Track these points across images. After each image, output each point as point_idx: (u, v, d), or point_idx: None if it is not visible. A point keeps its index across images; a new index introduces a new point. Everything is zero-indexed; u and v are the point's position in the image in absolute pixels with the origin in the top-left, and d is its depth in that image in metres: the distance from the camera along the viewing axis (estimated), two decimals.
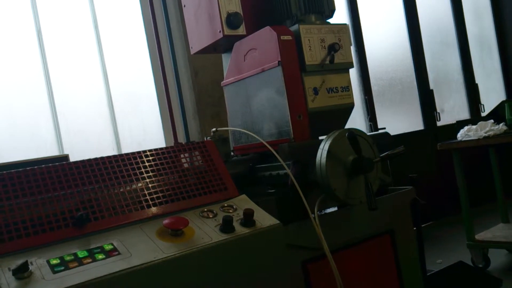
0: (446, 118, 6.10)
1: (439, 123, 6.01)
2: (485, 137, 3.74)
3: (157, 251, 1.38)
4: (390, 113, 5.76)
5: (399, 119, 5.88)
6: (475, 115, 6.41)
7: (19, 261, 1.24)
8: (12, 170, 1.49)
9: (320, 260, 1.74)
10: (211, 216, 1.58)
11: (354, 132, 1.72)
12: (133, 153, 1.68)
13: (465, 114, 6.51)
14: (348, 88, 2.12)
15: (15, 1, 3.43)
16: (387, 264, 2.05)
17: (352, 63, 2.14)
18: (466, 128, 3.96)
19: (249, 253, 1.54)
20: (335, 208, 1.99)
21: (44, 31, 3.50)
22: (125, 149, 3.73)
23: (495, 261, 4.01)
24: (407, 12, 6.02)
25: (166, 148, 1.75)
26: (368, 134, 1.88)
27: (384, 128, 2.35)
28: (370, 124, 5.39)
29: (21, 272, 1.23)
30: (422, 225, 2.47)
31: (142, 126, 3.90)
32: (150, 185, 1.62)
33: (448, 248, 4.58)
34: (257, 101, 2.11)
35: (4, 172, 1.47)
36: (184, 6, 2.42)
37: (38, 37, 3.47)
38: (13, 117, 3.33)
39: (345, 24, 2.14)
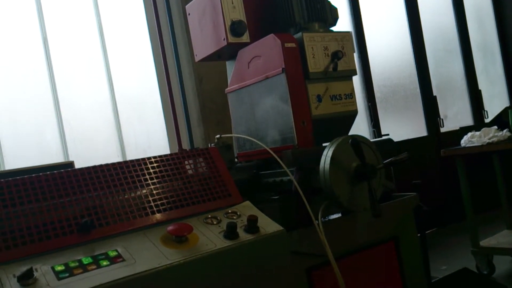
0: (449, 124, 6.09)
1: (442, 130, 6.00)
2: (488, 144, 3.73)
3: (161, 258, 1.39)
4: (393, 119, 5.76)
5: (403, 125, 5.87)
6: (479, 121, 6.40)
7: (24, 268, 1.24)
8: (18, 177, 1.49)
9: (324, 267, 1.74)
10: (215, 223, 1.59)
11: (357, 139, 1.73)
12: (137, 160, 1.69)
13: (468, 121, 6.50)
14: (351, 95, 2.12)
15: (21, 9, 3.46)
16: (391, 271, 2.05)
17: (355, 70, 2.15)
18: (469, 134, 3.95)
19: (253, 259, 1.54)
20: (339, 215, 1.99)
21: (50, 39, 3.52)
22: (130, 156, 3.74)
23: (500, 267, 3.99)
24: (410, 19, 6.02)
25: (170, 154, 1.76)
26: (372, 140, 1.88)
27: (388, 135, 2.36)
28: (374, 131, 5.39)
29: (26, 279, 1.23)
30: (426, 232, 2.47)
31: (147, 133, 3.91)
32: (154, 192, 1.63)
33: (453, 255, 4.56)
34: (261, 108, 2.12)
35: (10, 178, 1.48)
36: (189, 14, 2.43)
37: (44, 44, 3.50)
38: (18, 124, 3.35)
39: (348, 31, 2.15)
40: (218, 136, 2.18)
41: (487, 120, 6.27)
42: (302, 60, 1.99)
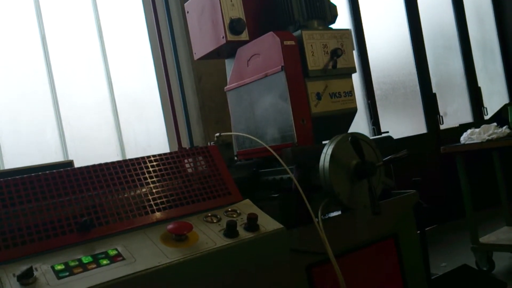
0: (449, 121, 6.09)
1: (442, 127, 6.00)
2: (488, 140, 3.74)
3: (161, 256, 1.39)
4: (393, 117, 5.76)
5: (402, 122, 5.87)
6: (478, 118, 6.40)
7: (24, 267, 1.24)
8: (17, 176, 1.49)
9: (324, 265, 1.74)
10: (215, 221, 1.58)
11: (357, 136, 1.73)
12: (137, 159, 1.69)
13: (468, 118, 6.50)
14: (351, 93, 2.12)
15: (19, 8, 3.45)
16: (391, 268, 2.05)
17: (354, 68, 2.15)
18: (469, 131, 3.96)
19: (253, 257, 1.54)
20: (339, 212, 1.99)
21: (49, 38, 3.52)
22: (130, 155, 3.74)
23: (500, 264, 4.00)
24: (410, 17, 6.02)
25: (170, 153, 1.76)
26: (371, 138, 1.88)
27: (387, 132, 2.36)
28: (373, 128, 5.39)
29: (26, 278, 1.23)
30: (426, 229, 2.47)
31: (147, 131, 3.91)
32: (154, 190, 1.63)
33: (452, 252, 4.57)
34: (260, 106, 2.12)
35: (9, 178, 1.48)
36: (188, 12, 2.43)
37: (43, 43, 3.49)
38: (18, 123, 3.35)
39: (348, 29, 2.15)
40: (217, 134, 2.18)
41: (486, 117, 6.28)
42: (301, 58, 1.99)
